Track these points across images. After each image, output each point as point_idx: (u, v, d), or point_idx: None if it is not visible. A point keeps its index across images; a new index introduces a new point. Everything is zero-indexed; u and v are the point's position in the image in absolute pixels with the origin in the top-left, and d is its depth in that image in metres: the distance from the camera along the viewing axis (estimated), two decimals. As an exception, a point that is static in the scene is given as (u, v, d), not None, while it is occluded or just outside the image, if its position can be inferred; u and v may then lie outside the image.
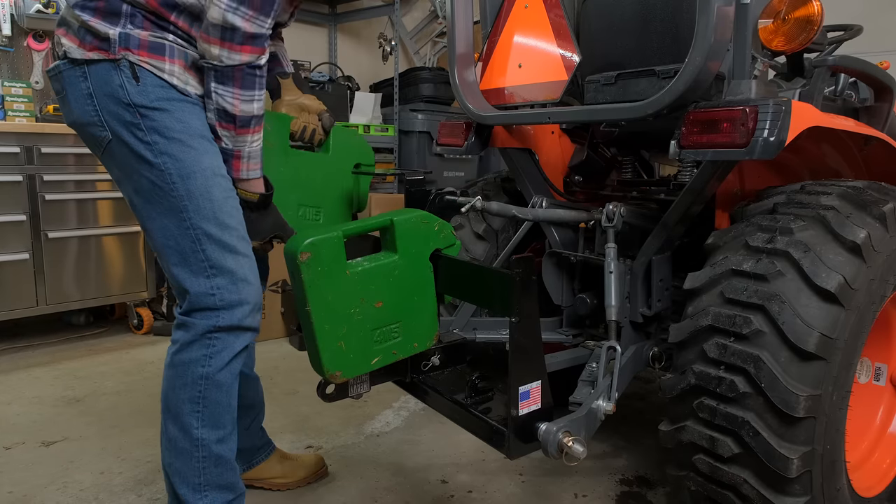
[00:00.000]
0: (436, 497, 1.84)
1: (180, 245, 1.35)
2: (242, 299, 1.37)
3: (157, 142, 1.31)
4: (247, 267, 1.39)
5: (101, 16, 1.30)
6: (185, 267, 1.35)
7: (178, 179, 1.32)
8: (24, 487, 1.87)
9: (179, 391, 1.38)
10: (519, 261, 1.18)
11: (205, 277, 1.35)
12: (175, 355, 1.39)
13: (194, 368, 1.36)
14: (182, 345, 1.37)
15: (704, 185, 1.53)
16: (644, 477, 1.96)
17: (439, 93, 4.45)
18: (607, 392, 1.46)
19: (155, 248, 1.40)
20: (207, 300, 1.35)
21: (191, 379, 1.37)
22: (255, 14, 1.27)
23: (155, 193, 1.34)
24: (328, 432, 2.23)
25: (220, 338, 1.37)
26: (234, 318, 1.36)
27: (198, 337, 1.36)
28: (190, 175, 1.33)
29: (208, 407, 1.38)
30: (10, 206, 2.92)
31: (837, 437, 1.33)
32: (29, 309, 3.02)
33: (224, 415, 1.40)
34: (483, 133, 1.98)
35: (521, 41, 1.83)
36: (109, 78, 1.30)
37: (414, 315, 1.39)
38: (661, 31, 1.67)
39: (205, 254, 1.34)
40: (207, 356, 1.36)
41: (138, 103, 1.30)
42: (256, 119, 1.37)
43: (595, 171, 2.24)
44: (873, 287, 1.33)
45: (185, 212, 1.33)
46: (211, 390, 1.37)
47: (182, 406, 1.38)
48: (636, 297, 1.71)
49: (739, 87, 1.37)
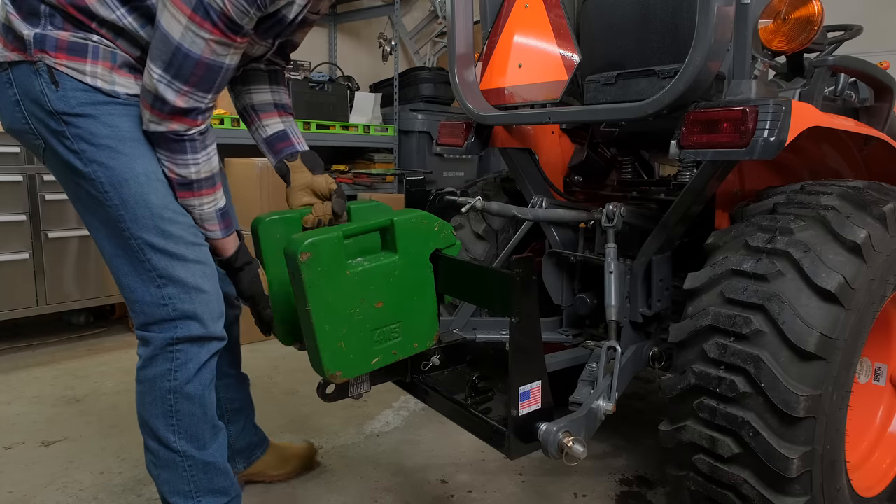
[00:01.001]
0: (435, 497, 1.84)
1: (126, 255, 1.28)
2: (197, 308, 1.31)
3: (84, 150, 1.23)
4: (198, 274, 1.32)
5: (22, 14, 1.21)
6: (134, 277, 1.29)
7: (110, 188, 1.24)
8: (24, 487, 1.87)
9: (150, 407, 1.34)
10: (519, 261, 1.18)
11: (155, 287, 1.29)
12: (140, 371, 1.34)
13: (160, 383, 1.32)
14: (145, 360, 1.33)
15: (704, 185, 1.53)
16: (644, 477, 1.96)
17: (439, 93, 4.46)
18: (607, 392, 1.46)
19: (103, 257, 1.34)
20: (160, 311, 1.29)
21: (159, 394, 1.32)
22: (190, 90, 1.19)
23: (92, 203, 1.27)
24: (328, 432, 2.23)
25: (183, 349, 1.31)
26: (192, 328, 1.31)
27: (159, 351, 1.31)
28: (122, 182, 1.24)
29: (182, 420, 1.34)
30: (11, 205, 2.92)
31: (837, 437, 1.33)
32: (29, 309, 3.02)
33: (200, 425, 1.36)
34: (483, 133, 1.98)
35: (522, 41, 1.83)
36: (31, 83, 1.22)
37: (414, 315, 1.38)
38: (661, 31, 1.67)
39: (150, 263, 1.28)
40: (172, 370, 1.31)
41: (60, 110, 1.22)
42: (199, 183, 1.30)
43: (595, 171, 2.24)
44: (873, 287, 1.33)
45: (122, 221, 1.26)
46: (181, 403, 1.33)
47: (156, 421, 1.34)
48: (636, 297, 1.71)
49: (739, 87, 1.37)
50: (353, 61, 5.01)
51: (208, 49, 1.17)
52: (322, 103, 3.98)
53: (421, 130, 4.30)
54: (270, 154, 1.58)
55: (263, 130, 1.58)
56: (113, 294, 3.28)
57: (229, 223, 1.41)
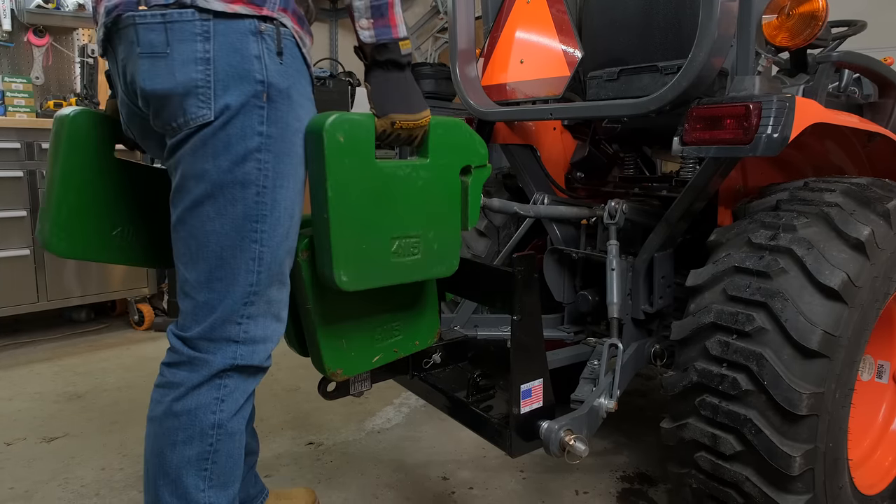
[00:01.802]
0: (437, 494, 1.84)
1: (235, 258, 1.10)
2: (268, 337, 1.17)
3: (272, 135, 1.08)
4: (285, 301, 1.20)
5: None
6: (226, 283, 1.11)
7: (270, 183, 1.09)
8: (26, 483, 1.87)
9: (183, 448, 1.12)
10: (521, 259, 1.17)
11: (242, 304, 1.12)
12: (178, 402, 1.12)
13: (204, 416, 1.12)
14: (187, 389, 1.12)
15: (707, 181, 1.52)
16: (645, 474, 1.96)
17: (440, 89, 4.44)
18: (609, 390, 1.46)
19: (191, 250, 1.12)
20: (230, 330, 1.12)
21: (199, 430, 1.12)
22: None
23: (233, 191, 1.08)
24: (329, 429, 2.23)
25: (234, 377, 1.14)
26: (254, 357, 1.15)
27: (209, 377, 1.12)
28: (285, 182, 1.11)
29: (218, 462, 1.14)
30: (11, 201, 2.91)
31: (840, 435, 1.33)
32: (30, 305, 3.02)
33: (235, 469, 1.18)
34: (484, 129, 1.98)
35: (523, 37, 1.82)
36: (244, 44, 1.04)
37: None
38: (663, 27, 1.66)
39: (258, 276, 1.12)
40: (219, 399, 1.13)
41: (274, 84, 1.06)
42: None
43: (597, 167, 2.23)
44: (877, 284, 1.32)
45: (261, 222, 1.10)
46: (224, 442, 1.14)
47: (186, 467, 1.12)
48: (638, 294, 1.70)
49: (743, 83, 1.37)
50: (355, 57, 4.98)
51: None
52: (323, 99, 3.98)
53: (422, 126, 4.29)
54: None
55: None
56: (114, 290, 3.28)
57: None
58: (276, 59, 1.07)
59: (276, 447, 2.09)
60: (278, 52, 1.07)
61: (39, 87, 3.53)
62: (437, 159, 1.22)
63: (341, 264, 1.12)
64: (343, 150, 1.09)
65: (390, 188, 1.16)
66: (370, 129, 1.12)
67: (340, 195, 1.10)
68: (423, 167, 1.21)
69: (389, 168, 1.16)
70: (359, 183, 1.12)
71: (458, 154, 1.26)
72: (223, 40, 1.03)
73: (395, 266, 1.20)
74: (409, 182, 1.19)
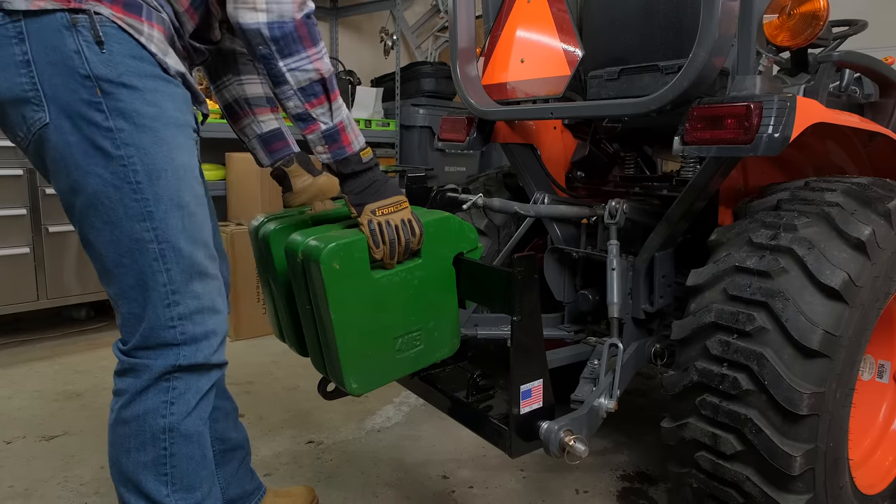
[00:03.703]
0: (436, 492, 1.84)
1: (135, 263, 1.07)
2: (209, 332, 1.13)
3: (122, 128, 1.03)
4: (215, 292, 1.16)
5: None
6: (140, 291, 1.08)
7: (144, 178, 1.05)
8: (25, 481, 1.87)
9: (137, 454, 1.11)
10: (521, 259, 1.17)
11: (164, 306, 1.09)
12: (124, 409, 1.12)
13: (152, 421, 1.10)
14: (132, 395, 1.11)
15: (708, 181, 1.52)
16: (645, 473, 1.96)
17: (441, 88, 4.44)
18: (609, 390, 1.46)
19: (100, 265, 1.11)
20: (165, 334, 1.09)
21: (150, 435, 1.10)
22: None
23: (106, 196, 1.04)
24: (329, 427, 2.23)
25: (182, 378, 1.12)
26: (198, 355, 1.12)
27: (153, 381, 1.10)
28: (160, 174, 1.06)
29: (178, 466, 1.12)
30: (11, 200, 2.91)
31: (841, 435, 1.33)
32: (29, 303, 3.02)
33: (199, 471, 1.15)
34: (485, 128, 1.97)
35: (524, 36, 1.81)
36: (59, 40, 1.00)
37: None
38: (664, 26, 1.66)
39: (168, 275, 1.08)
40: (167, 402, 1.10)
41: (102, 76, 1.01)
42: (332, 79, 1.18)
43: (597, 166, 2.23)
44: (877, 284, 1.32)
45: (149, 220, 1.06)
46: (179, 445, 1.11)
47: (143, 473, 1.11)
48: (638, 293, 1.70)
49: (744, 82, 1.37)
50: (355, 56, 4.99)
51: None
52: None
53: (422, 125, 4.28)
54: (264, 152, 1.48)
55: (258, 126, 1.46)
56: (114, 289, 3.28)
57: None
58: (96, 50, 1.01)
59: (276, 446, 2.09)
60: (97, 42, 1.01)
61: (39, 85, 3.52)
62: (429, 256, 1.28)
63: (350, 373, 1.20)
64: (340, 275, 1.15)
65: (388, 295, 1.22)
66: (363, 248, 1.18)
67: (342, 314, 1.16)
68: (416, 268, 1.26)
69: (385, 277, 1.22)
70: (358, 299, 1.18)
71: (449, 246, 1.32)
72: (38, 39, 1.00)
73: (401, 361, 1.27)
74: (406, 284, 1.25)
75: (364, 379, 1.23)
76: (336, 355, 1.19)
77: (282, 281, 1.36)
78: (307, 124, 1.17)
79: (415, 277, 1.26)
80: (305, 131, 1.18)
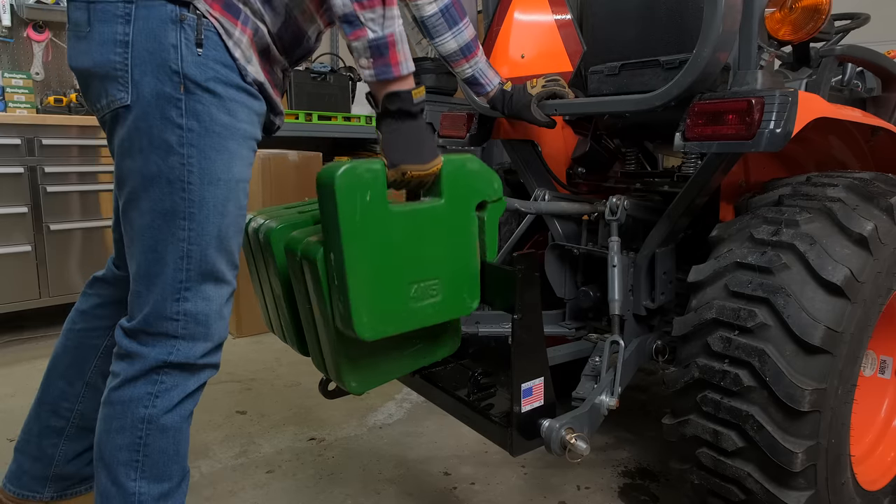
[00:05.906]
0: (438, 489, 1.84)
1: (162, 254, 1.11)
2: (208, 333, 1.16)
3: (191, 129, 1.06)
4: (225, 298, 1.18)
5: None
6: (158, 279, 1.12)
7: (197, 180, 1.08)
8: (28, 480, 1.88)
9: (115, 436, 1.14)
10: (521, 257, 1.17)
11: (174, 300, 1.12)
12: (114, 391, 1.15)
13: (134, 409, 1.13)
14: (125, 379, 1.14)
15: (709, 177, 1.51)
16: (647, 469, 1.96)
17: (441, 83, 4.42)
18: (610, 387, 1.46)
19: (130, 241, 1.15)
20: (167, 325, 1.13)
21: (129, 422, 1.13)
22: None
23: (158, 186, 1.08)
24: (331, 424, 2.23)
25: (171, 374, 1.14)
26: (191, 353, 1.15)
27: (144, 372, 1.13)
28: (214, 181, 1.09)
29: (150, 456, 1.15)
30: (12, 198, 2.91)
31: (842, 431, 1.32)
32: (32, 301, 3.03)
33: (170, 465, 1.17)
34: (485, 124, 1.97)
35: (524, 31, 1.81)
36: (163, 31, 1.03)
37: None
38: (665, 21, 1.65)
39: (187, 273, 1.12)
40: (152, 394, 1.13)
41: (190, 75, 1.04)
42: None
43: (598, 162, 2.22)
44: (880, 280, 1.31)
45: (189, 219, 1.10)
46: (154, 437, 1.14)
47: (116, 454, 1.14)
48: (639, 290, 1.70)
49: (745, 77, 1.36)
50: (355, 52, 4.98)
51: None
52: (324, 94, 3.96)
53: (423, 121, 4.27)
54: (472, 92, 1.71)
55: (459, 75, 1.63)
56: (115, 286, 3.28)
57: None
58: (194, 50, 1.04)
59: (278, 443, 2.09)
60: (197, 43, 1.04)
61: (39, 82, 3.52)
62: (451, 199, 1.20)
63: (360, 313, 1.11)
64: (355, 200, 1.07)
65: (406, 234, 1.14)
66: (382, 179, 1.10)
67: (354, 246, 1.08)
68: (438, 208, 1.18)
69: (404, 213, 1.14)
70: (373, 232, 1.10)
71: (472, 191, 1.23)
72: (143, 25, 1.04)
73: (415, 311, 1.18)
74: (425, 225, 1.17)
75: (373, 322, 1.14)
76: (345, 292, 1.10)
77: (282, 280, 1.35)
78: (353, 28, 1.08)
79: (434, 219, 1.18)
80: (350, 36, 1.09)
